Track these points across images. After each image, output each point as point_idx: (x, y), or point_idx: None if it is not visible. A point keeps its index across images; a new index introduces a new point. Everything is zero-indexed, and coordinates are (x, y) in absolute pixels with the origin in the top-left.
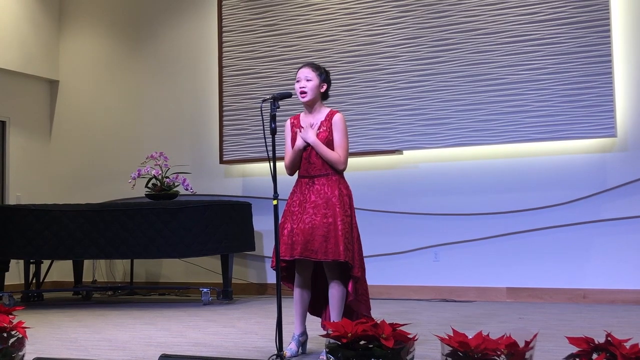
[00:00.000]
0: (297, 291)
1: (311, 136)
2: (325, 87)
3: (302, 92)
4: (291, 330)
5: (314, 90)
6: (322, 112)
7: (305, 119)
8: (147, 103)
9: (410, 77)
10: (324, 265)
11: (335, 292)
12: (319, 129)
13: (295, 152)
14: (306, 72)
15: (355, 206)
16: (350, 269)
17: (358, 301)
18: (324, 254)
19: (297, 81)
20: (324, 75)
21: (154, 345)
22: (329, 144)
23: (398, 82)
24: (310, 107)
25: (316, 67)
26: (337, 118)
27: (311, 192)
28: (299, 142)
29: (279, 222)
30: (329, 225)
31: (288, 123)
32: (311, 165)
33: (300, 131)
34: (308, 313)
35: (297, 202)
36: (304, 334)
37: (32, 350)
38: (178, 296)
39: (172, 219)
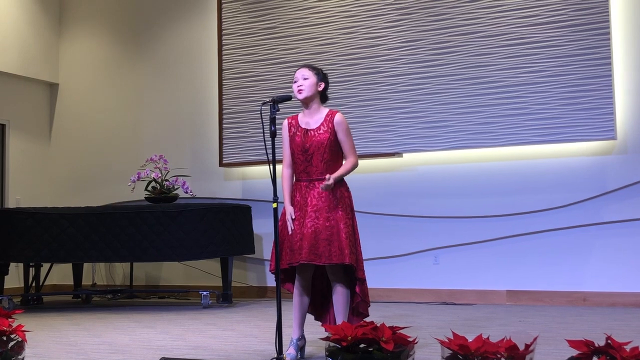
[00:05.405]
0: (297, 295)
1: (331, 183)
2: (322, 85)
3: (300, 90)
4: (291, 333)
5: (311, 87)
6: (322, 112)
7: (303, 118)
8: (146, 106)
9: (410, 80)
10: (327, 269)
11: (340, 297)
12: (318, 129)
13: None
14: (303, 71)
15: (355, 209)
16: (354, 272)
17: (364, 302)
18: (327, 257)
19: (295, 82)
20: (321, 75)
21: (153, 348)
22: (332, 144)
23: (398, 85)
24: (307, 104)
25: (313, 67)
26: (340, 119)
27: (311, 196)
28: (289, 210)
29: (278, 225)
30: (331, 228)
31: (285, 123)
32: (313, 169)
33: (299, 137)
34: (313, 318)
35: (298, 206)
36: (301, 338)
37: (32, 354)
38: (178, 299)
39: (172, 222)
